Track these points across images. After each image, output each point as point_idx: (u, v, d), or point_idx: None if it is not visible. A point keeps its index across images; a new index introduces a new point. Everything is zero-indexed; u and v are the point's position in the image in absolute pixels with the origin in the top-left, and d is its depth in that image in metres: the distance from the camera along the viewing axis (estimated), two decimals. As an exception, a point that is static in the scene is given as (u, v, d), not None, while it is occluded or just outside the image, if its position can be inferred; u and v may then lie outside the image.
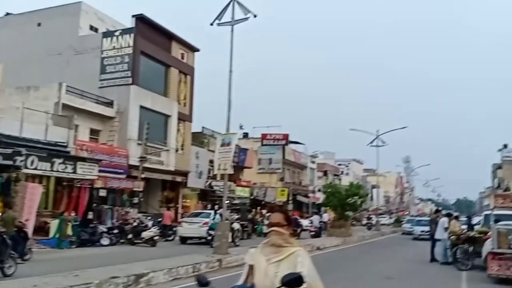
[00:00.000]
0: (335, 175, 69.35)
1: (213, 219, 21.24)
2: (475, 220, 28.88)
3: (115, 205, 24.26)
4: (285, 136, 51.74)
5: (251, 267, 3.07)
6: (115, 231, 20.66)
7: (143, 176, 25.88)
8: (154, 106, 28.55)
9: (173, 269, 11.18)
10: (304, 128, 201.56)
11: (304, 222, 41.89)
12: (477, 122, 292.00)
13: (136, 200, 25.16)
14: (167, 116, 29.81)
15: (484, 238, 13.86)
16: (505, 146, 59.61)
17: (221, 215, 22.57)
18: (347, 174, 76.75)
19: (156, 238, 20.25)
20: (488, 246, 12.46)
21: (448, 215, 18.04)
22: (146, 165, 26.39)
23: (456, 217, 19.20)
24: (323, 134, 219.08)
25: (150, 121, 26.88)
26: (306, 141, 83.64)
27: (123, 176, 25.34)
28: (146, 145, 26.28)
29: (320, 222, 29.96)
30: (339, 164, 79.07)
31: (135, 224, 21.46)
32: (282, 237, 3.02)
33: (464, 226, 17.89)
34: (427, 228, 22.25)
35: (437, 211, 21.07)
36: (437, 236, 16.69)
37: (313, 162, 61.74)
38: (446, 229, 16.30)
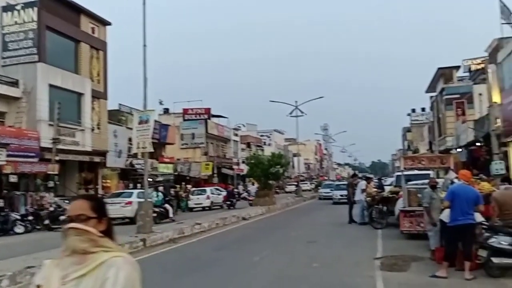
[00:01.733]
0: (258, 146, 70.45)
1: (157, 196, 22.14)
2: (388, 181, 30.91)
3: (28, 190, 22.85)
4: (207, 110, 51.40)
5: None
6: (30, 217, 19.59)
7: (57, 158, 24.46)
8: (64, 84, 26.83)
9: (95, 252, 10.76)
10: (226, 101, 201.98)
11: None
12: (388, 89, 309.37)
13: (51, 183, 23.85)
14: (79, 94, 28.20)
15: (396, 198, 14.84)
16: (413, 110, 63.80)
17: (163, 193, 23.84)
18: (269, 144, 78.21)
19: (75, 222, 19.38)
20: (400, 205, 13.34)
21: (367, 178, 19.07)
22: (60, 146, 24.95)
23: (371, 179, 20.41)
24: (244, 106, 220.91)
25: (62, 100, 25.26)
26: (229, 114, 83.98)
27: (35, 159, 23.79)
28: (58, 126, 24.76)
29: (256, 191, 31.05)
30: (262, 135, 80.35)
31: (51, 208, 20.50)
32: (87, 238, 1.92)
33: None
34: (346, 192, 23.24)
35: (354, 175, 22.14)
36: (356, 198, 17.61)
37: (236, 135, 62.14)
38: (363, 191, 17.25)
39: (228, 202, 30.84)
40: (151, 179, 31.67)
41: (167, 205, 22.31)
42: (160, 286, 8.36)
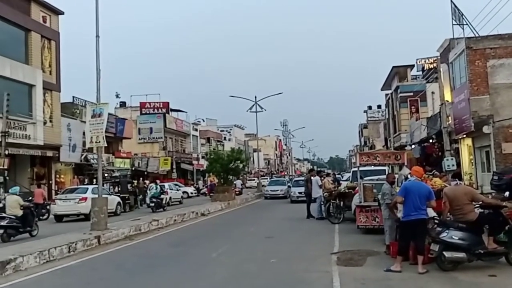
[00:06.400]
0: (218, 141, 70.11)
1: (156, 188, 24.83)
2: (345, 176, 31.38)
3: (-25, 186, 21.76)
4: (165, 104, 50.63)
5: None
6: (-23, 214, 18.61)
7: (7, 152, 23.44)
8: (14, 75, 25.65)
9: (45, 251, 10.34)
10: (185, 95, 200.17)
11: (189, 189, 42.14)
12: (346, 87, 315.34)
13: (1, 179, 22.84)
14: (30, 86, 27.03)
15: (353, 193, 15.08)
16: (370, 107, 65.20)
17: (161, 186, 25.85)
18: (229, 139, 78.05)
19: (26, 218, 18.67)
20: (356, 200, 13.56)
21: (318, 173, 19.26)
22: (10, 140, 23.90)
23: (328, 174, 20.62)
24: (204, 101, 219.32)
25: (11, 91, 24.12)
26: (188, 108, 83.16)
27: (-17, 154, 22.68)
28: (8, 119, 23.69)
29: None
30: (222, 130, 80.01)
31: (1, 205, 19.52)
32: None
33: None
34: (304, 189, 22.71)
35: (311, 170, 22.26)
36: (314, 195, 17.72)
37: (195, 130, 61.52)
38: (320, 186, 17.41)
39: (211, 194, 32.72)
40: (107, 175, 30.93)
41: (163, 196, 25.10)
42: (114, 284, 8.11)
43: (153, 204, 23.81)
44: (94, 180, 29.33)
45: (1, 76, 24.74)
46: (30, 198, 22.59)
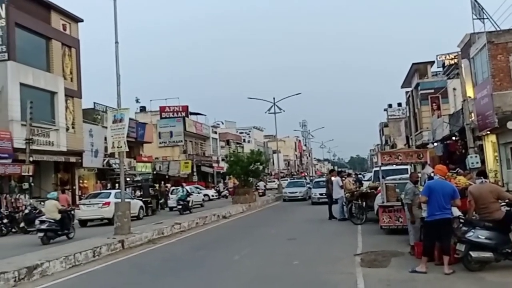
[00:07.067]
0: (238, 143, 70.29)
1: (182, 191, 25.72)
2: (367, 176, 31.07)
3: (2, 192, 22.37)
4: (185, 108, 51.05)
5: None
6: (5, 220, 19.07)
7: (31, 159, 23.92)
8: (37, 83, 26.20)
9: (71, 256, 10.49)
10: (204, 98, 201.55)
11: (210, 192, 42.31)
12: (365, 85, 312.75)
13: (26, 185, 23.33)
14: (52, 93, 27.58)
15: (375, 193, 14.90)
16: (390, 106, 64.34)
17: (187, 189, 26.61)
18: (248, 141, 78.18)
19: (51, 224, 19.03)
20: (378, 200, 13.39)
21: (339, 173, 19.07)
22: (34, 147, 24.40)
23: (349, 174, 20.42)
24: (222, 103, 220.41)
25: (34, 99, 24.65)
26: (207, 111, 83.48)
27: (9, 160, 23.20)
28: (31, 126, 24.19)
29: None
30: (241, 132, 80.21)
31: (27, 211, 19.93)
32: None
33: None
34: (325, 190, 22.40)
35: (331, 171, 22.10)
36: (335, 196, 17.57)
37: (215, 132, 61.81)
38: (341, 187, 17.27)
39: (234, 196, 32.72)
40: (129, 179, 31.31)
41: (189, 198, 25.83)
42: (138, 289, 8.18)
43: (180, 207, 24.66)
44: (117, 185, 29.75)
45: (24, 84, 25.28)
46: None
